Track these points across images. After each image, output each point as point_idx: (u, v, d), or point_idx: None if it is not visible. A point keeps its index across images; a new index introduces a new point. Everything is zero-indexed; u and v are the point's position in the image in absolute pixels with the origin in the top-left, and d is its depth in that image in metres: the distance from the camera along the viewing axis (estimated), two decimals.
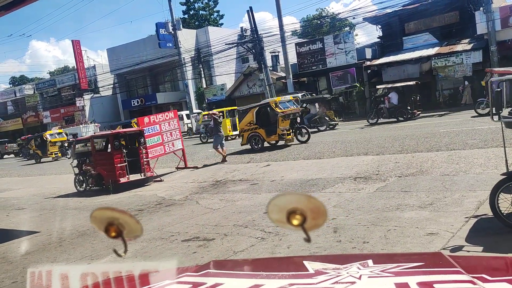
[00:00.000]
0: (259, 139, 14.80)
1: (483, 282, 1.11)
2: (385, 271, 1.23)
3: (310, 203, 0.97)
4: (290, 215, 0.98)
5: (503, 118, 5.05)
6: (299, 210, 0.97)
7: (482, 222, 5.02)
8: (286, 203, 0.98)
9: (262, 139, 14.74)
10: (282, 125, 14.43)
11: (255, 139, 14.86)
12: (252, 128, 14.86)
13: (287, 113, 14.62)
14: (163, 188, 10.69)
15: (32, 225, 8.40)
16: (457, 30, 25.21)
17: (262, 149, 14.59)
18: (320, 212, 0.98)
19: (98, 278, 1.39)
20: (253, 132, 14.84)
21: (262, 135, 14.69)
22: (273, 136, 14.60)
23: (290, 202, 0.98)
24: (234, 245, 5.41)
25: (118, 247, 1.09)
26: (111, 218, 1.05)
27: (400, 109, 19.22)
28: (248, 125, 15.01)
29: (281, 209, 0.98)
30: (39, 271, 1.39)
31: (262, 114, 15.13)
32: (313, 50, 28.39)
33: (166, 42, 32.51)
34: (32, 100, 45.60)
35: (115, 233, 1.05)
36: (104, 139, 12.15)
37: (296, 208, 0.97)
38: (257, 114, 14.98)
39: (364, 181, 8.23)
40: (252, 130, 14.85)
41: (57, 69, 68.35)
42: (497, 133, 9.45)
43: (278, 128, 14.38)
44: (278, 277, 1.29)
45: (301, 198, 0.98)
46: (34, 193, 12.84)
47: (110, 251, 1.14)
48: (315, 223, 0.98)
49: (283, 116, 14.36)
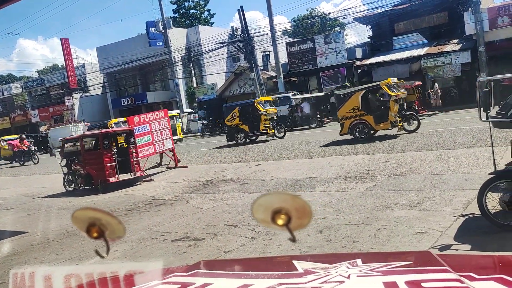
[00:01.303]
0: (365, 127, 12.88)
1: (471, 280, 1.11)
2: (373, 270, 1.24)
3: (295, 202, 0.97)
4: (275, 215, 0.97)
5: (491, 118, 5.10)
6: (284, 210, 0.97)
7: (470, 221, 5.07)
8: (271, 203, 0.97)
9: (369, 128, 12.83)
10: (394, 110, 12.60)
11: (361, 128, 12.93)
12: (357, 115, 12.89)
13: (400, 97, 12.95)
14: (153, 188, 10.63)
15: (20, 225, 8.30)
16: (446, 30, 25.47)
17: (369, 139, 12.73)
18: (305, 211, 0.97)
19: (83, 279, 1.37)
20: (358, 120, 12.87)
21: (370, 122, 12.78)
22: (383, 123, 12.70)
23: (275, 202, 0.97)
24: (224, 245, 5.41)
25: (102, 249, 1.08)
26: (93, 218, 1.04)
27: (311, 117, 21.45)
28: (350, 112, 12.97)
29: (266, 209, 0.97)
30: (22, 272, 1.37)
31: (368, 99, 13.26)
32: (304, 49, 28.47)
33: (156, 41, 32.36)
34: (20, 99, 45.10)
35: (97, 234, 1.04)
36: (94, 139, 12.05)
37: (281, 207, 0.97)
38: (363, 98, 13.04)
39: (354, 180, 8.27)
40: (357, 117, 12.89)
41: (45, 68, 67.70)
42: (485, 133, 9.56)
43: (390, 114, 12.55)
44: (267, 276, 1.28)
45: (286, 198, 0.97)
46: (22, 193, 12.69)
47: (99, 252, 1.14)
48: (300, 223, 0.98)
49: (396, 100, 12.59)
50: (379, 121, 12.71)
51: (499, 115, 5.20)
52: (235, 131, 17.39)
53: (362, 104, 12.90)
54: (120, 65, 35.06)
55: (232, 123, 17.35)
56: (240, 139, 17.20)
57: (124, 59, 34.57)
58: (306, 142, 14.63)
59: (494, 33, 22.58)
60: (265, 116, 16.87)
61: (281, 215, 0.97)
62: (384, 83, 12.85)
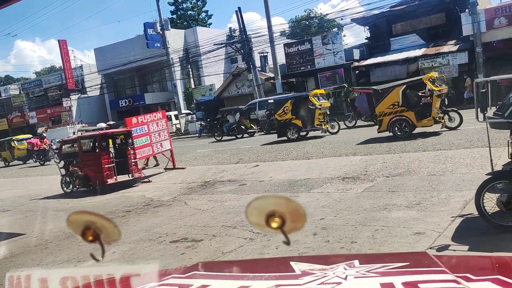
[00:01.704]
0: (406, 124, 12.36)
1: (467, 281, 1.12)
2: (370, 271, 1.24)
3: (288, 206, 0.97)
4: (269, 218, 0.97)
5: (488, 119, 5.11)
6: (278, 213, 0.97)
7: (468, 222, 5.08)
8: (265, 206, 0.98)
9: (410, 124, 12.29)
10: (437, 106, 12.14)
11: (401, 125, 12.42)
12: (397, 111, 12.37)
13: (443, 92, 12.42)
14: (151, 189, 10.62)
15: (17, 227, 8.29)
16: (443, 31, 25.51)
17: (410, 136, 12.21)
18: (299, 215, 0.98)
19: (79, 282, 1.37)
20: (398, 116, 12.37)
21: (411, 119, 12.23)
22: (425, 120, 12.18)
23: (269, 205, 0.97)
24: (222, 246, 5.40)
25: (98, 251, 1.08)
26: (88, 222, 1.04)
27: None
28: (390, 108, 12.45)
29: (260, 212, 0.98)
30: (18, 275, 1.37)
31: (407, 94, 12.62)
32: (302, 50, 28.48)
33: (154, 42, 32.35)
34: (18, 100, 44.97)
35: (92, 237, 1.04)
36: (92, 140, 12.04)
37: (275, 211, 0.97)
38: (403, 93, 12.46)
39: (352, 181, 8.28)
40: (397, 114, 12.38)
41: (43, 69, 67.57)
42: (482, 134, 9.59)
43: (432, 110, 12.03)
44: (264, 278, 1.29)
45: (280, 201, 0.97)
46: (20, 195, 12.66)
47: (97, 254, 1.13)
48: (294, 226, 0.98)
49: (438, 96, 12.07)
50: (421, 117, 12.21)
51: (496, 116, 5.21)
52: (287, 126, 16.28)
53: (402, 99, 12.32)
54: (118, 66, 35.01)
55: (283, 117, 16.27)
56: (292, 134, 16.15)
57: (122, 60, 34.53)
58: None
59: (491, 34, 22.64)
60: (319, 110, 15.69)
61: (275, 218, 0.97)
62: (426, 78, 12.31)
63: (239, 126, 21.68)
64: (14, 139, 25.51)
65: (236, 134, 21.50)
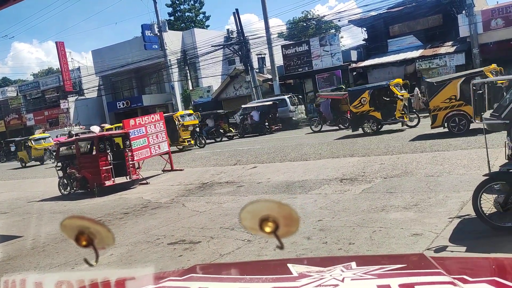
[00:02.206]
0: (463, 119, 11.59)
1: (464, 283, 1.12)
2: (367, 273, 1.24)
3: (282, 210, 0.97)
4: (262, 222, 0.98)
5: (485, 120, 5.13)
6: (271, 217, 0.97)
7: (465, 223, 5.09)
8: (258, 211, 0.98)
9: (468, 119, 11.44)
10: None
11: (459, 120, 11.67)
12: (454, 105, 11.62)
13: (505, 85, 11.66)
14: (149, 191, 10.61)
15: (15, 229, 8.26)
16: (440, 33, 25.59)
17: (467, 132, 11.46)
18: (292, 219, 0.98)
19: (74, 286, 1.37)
20: (455, 111, 11.62)
21: (469, 114, 11.16)
22: None
23: (262, 209, 0.98)
24: (220, 248, 5.40)
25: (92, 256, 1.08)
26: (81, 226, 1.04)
27: (260, 125, 22.02)
28: (446, 102, 11.71)
29: (254, 216, 0.98)
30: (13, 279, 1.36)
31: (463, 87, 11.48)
32: (299, 52, 28.52)
33: (152, 44, 32.30)
34: (15, 102, 44.85)
35: (86, 242, 1.04)
36: (89, 142, 12.02)
37: (268, 215, 0.97)
38: (461, 87, 11.46)
39: (350, 182, 8.29)
40: (454, 108, 11.62)
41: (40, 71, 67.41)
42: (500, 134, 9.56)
43: None
44: (261, 280, 1.29)
45: (273, 205, 0.98)
46: (17, 197, 12.62)
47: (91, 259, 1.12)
48: (288, 230, 0.98)
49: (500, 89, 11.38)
50: None
51: (493, 117, 5.23)
52: (364, 118, 15.02)
53: (460, 93, 11.46)
54: (115, 68, 34.95)
55: (359, 109, 14.99)
56: (369, 128, 14.86)
57: (120, 62, 34.47)
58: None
59: (488, 35, 22.73)
60: (401, 101, 14.50)
61: (269, 223, 0.97)
62: (488, 69, 11.54)
63: (217, 129, 22.50)
64: (31, 139, 24.84)
65: (215, 137, 22.16)
